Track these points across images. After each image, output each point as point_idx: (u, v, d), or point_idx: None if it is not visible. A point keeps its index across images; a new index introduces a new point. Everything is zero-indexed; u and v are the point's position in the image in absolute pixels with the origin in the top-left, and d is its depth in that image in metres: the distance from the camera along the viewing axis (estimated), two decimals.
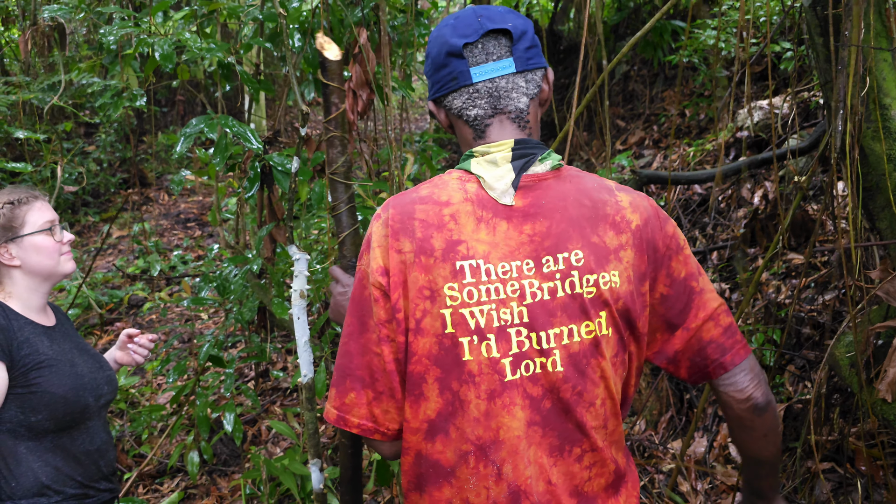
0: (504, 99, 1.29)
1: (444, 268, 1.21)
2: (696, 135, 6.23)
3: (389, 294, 1.23)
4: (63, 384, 1.89)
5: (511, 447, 1.22)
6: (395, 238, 1.24)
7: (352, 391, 1.28)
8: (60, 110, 8.15)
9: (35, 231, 1.94)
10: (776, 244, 3.41)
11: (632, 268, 1.27)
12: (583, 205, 1.27)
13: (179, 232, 8.07)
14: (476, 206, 1.25)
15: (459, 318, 1.21)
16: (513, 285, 1.22)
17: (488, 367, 1.21)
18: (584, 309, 1.23)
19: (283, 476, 2.99)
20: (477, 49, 1.28)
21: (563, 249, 1.24)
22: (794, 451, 3.08)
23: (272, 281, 3.11)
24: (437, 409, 1.23)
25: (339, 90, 1.82)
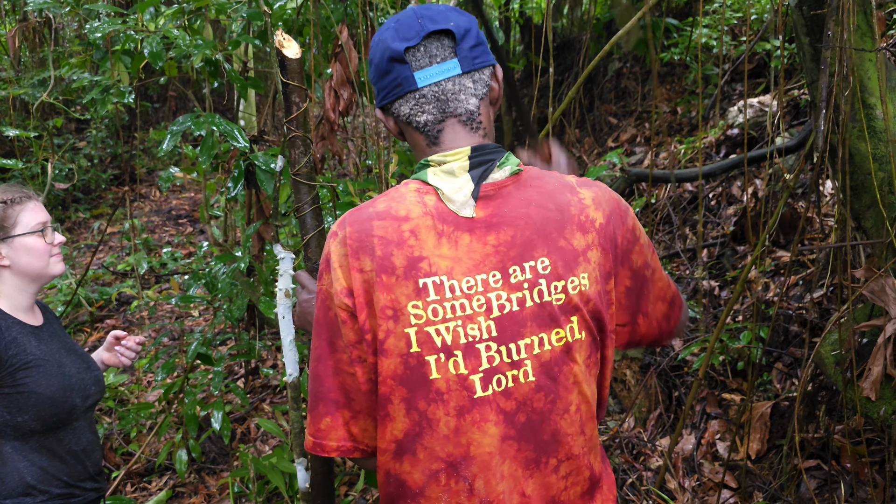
0: (452, 102, 1.25)
1: (406, 286, 1.17)
2: (687, 132, 6.25)
3: (356, 314, 1.20)
4: (50, 384, 1.88)
5: (482, 462, 1.20)
6: (356, 257, 1.20)
7: (326, 416, 1.24)
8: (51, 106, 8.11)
9: (27, 232, 1.93)
10: (763, 241, 3.43)
11: (598, 267, 1.25)
12: (547, 209, 1.24)
13: (171, 228, 8.05)
14: (436, 220, 1.21)
15: (425, 337, 1.18)
16: (479, 300, 1.19)
17: (457, 384, 1.19)
18: (554, 317, 1.21)
19: (271, 474, 2.99)
20: (419, 52, 1.24)
21: (529, 258, 1.21)
22: (780, 448, 3.09)
23: (260, 279, 3.10)
24: (403, 429, 1.21)
25: (300, 89, 1.76)
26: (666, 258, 4.74)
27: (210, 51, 2.52)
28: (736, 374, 3.65)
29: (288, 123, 1.74)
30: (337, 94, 2.44)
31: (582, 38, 8.01)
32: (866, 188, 2.45)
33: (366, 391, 1.22)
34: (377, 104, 1.34)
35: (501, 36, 3.53)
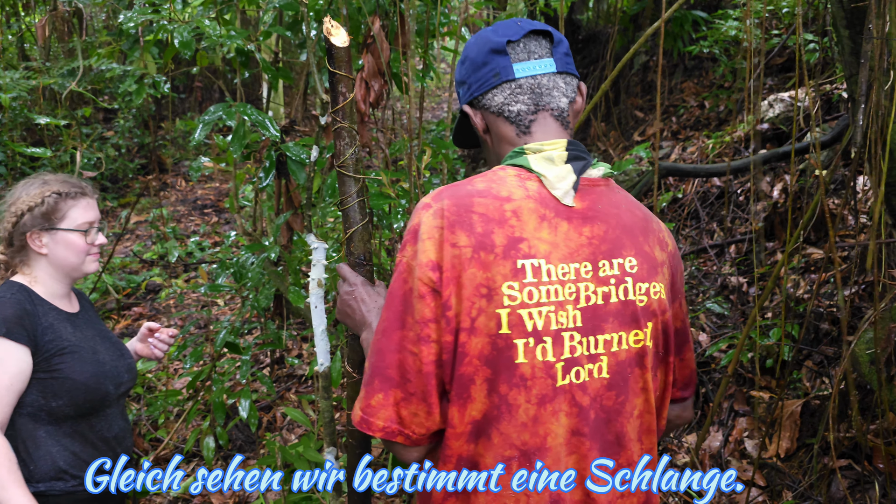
0: (546, 96, 1.29)
1: (504, 265, 1.16)
2: (715, 126, 6.17)
3: (441, 290, 1.17)
4: (85, 371, 1.91)
5: (555, 455, 1.19)
6: (451, 230, 1.18)
7: (380, 392, 1.22)
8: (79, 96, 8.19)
9: (71, 229, 1.96)
10: (797, 238, 3.38)
11: (669, 287, 1.30)
12: (635, 215, 1.29)
13: (196, 218, 8.11)
14: (538, 205, 1.21)
15: (517, 319, 1.16)
16: (570, 288, 1.19)
17: (542, 371, 1.18)
18: (635, 317, 1.23)
19: (297, 463, 3.00)
20: (519, 47, 1.29)
21: (619, 255, 1.23)
22: (811, 447, 3.06)
23: (289, 269, 3.11)
24: (483, 410, 1.18)
25: (347, 79, 1.72)
26: (692, 254, 4.70)
27: (243, 41, 2.52)
28: (764, 372, 3.61)
29: (334, 114, 1.71)
30: (368, 85, 2.43)
31: (608, 31, 7.95)
32: None
33: (426, 373, 1.19)
34: (466, 99, 1.36)
35: None
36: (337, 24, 1.65)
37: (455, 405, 1.20)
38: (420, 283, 1.18)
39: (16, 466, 1.76)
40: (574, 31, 8.79)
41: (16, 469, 1.76)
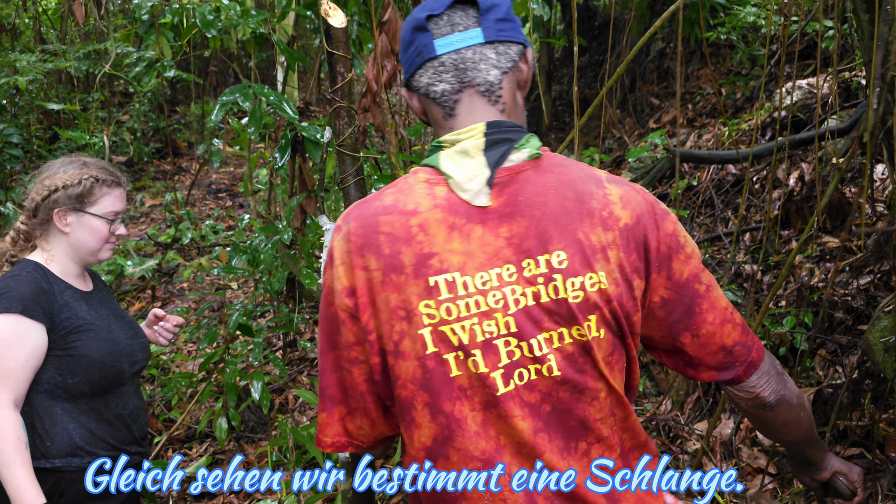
0: (471, 71, 1.19)
1: (416, 285, 1.12)
2: (731, 114, 6.12)
3: (359, 316, 1.16)
4: (100, 348, 1.93)
5: (514, 455, 1.15)
6: (360, 255, 1.15)
7: (324, 411, 1.24)
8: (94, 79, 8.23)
9: (99, 215, 1.99)
10: (812, 226, 3.35)
11: (619, 268, 1.16)
12: (565, 198, 1.16)
13: (210, 202, 8.16)
14: (447, 213, 1.15)
15: (441, 336, 1.13)
16: (495, 295, 1.13)
17: (478, 383, 1.13)
18: (572, 314, 1.14)
19: (309, 444, 3.03)
20: (442, 21, 1.19)
21: (544, 251, 1.14)
22: (822, 435, 3.05)
23: (302, 252, 3.13)
24: (431, 434, 1.15)
25: (345, 59, 1.72)
26: (707, 241, 4.67)
27: (260, 23, 2.52)
28: (778, 360, 3.59)
29: (333, 94, 1.71)
30: (381, 66, 2.42)
31: (625, 17, 7.88)
32: None
33: (361, 392, 1.20)
34: (404, 82, 1.28)
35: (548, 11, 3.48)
36: (334, 6, 1.65)
37: (402, 426, 1.20)
38: (339, 309, 1.17)
39: (24, 446, 1.77)
40: (590, 16, 8.73)
41: (24, 449, 1.76)
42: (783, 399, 1.31)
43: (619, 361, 1.21)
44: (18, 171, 6.39)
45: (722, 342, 1.24)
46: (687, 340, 1.24)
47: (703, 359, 1.26)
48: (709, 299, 1.23)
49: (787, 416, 1.33)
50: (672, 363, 1.30)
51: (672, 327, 1.23)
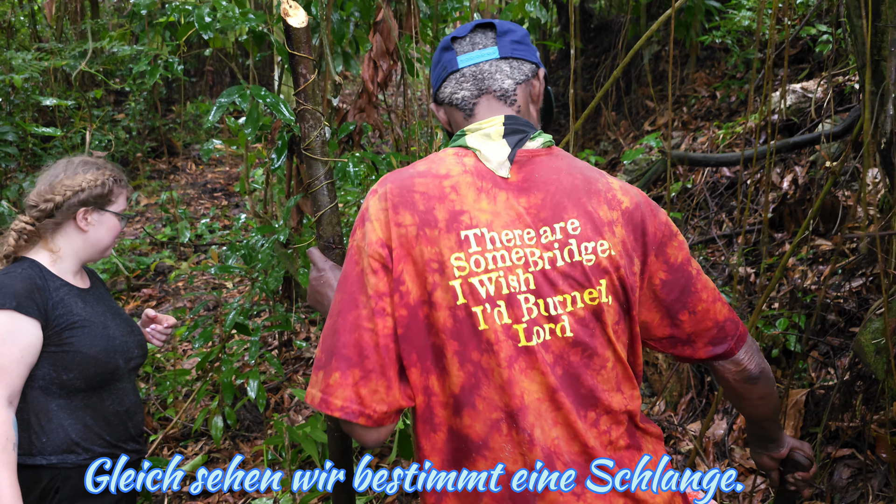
0: (488, 80, 1.38)
1: (449, 238, 1.23)
2: (726, 117, 6.16)
3: (391, 267, 1.23)
4: (95, 345, 1.94)
5: (536, 411, 1.23)
6: (395, 211, 1.25)
7: (337, 371, 1.23)
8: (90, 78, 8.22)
9: (119, 213, 2.07)
10: (805, 229, 3.38)
11: (622, 244, 1.29)
12: (575, 178, 1.32)
13: (206, 201, 8.15)
14: (475, 178, 1.29)
15: (469, 288, 1.22)
16: (517, 252, 1.25)
17: (504, 334, 1.22)
18: (586, 276, 1.26)
19: (304, 443, 3.04)
20: (465, 41, 1.41)
21: (560, 219, 1.28)
22: (814, 436, 3.07)
23: (298, 251, 3.14)
24: (459, 383, 1.23)
25: (307, 60, 1.71)
26: (701, 244, 4.70)
27: (259, 23, 2.54)
28: (771, 362, 3.62)
29: (296, 96, 1.71)
30: (376, 65, 2.44)
31: (621, 20, 7.92)
32: None
33: (383, 346, 1.22)
34: (432, 97, 1.46)
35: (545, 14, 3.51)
36: (295, 4, 1.62)
37: (434, 374, 1.25)
38: (371, 259, 1.24)
39: (11, 447, 1.75)
40: (586, 19, 8.76)
41: (11, 450, 1.75)
42: (764, 372, 1.45)
43: (624, 335, 1.31)
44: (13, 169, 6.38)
45: (716, 318, 1.37)
46: (685, 318, 1.36)
47: (699, 335, 1.38)
48: (701, 280, 1.37)
49: (765, 390, 1.46)
50: (668, 347, 1.40)
51: (671, 307, 1.35)
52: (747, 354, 1.42)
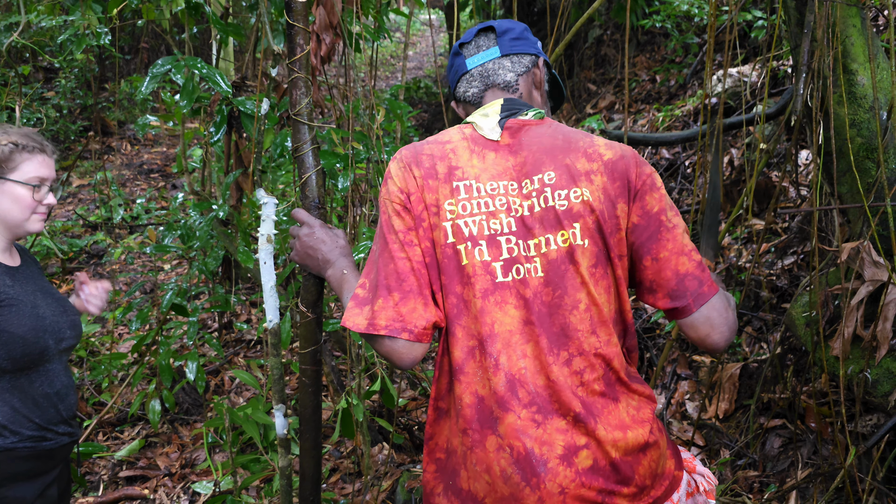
0: (493, 76, 1.60)
1: (445, 187, 1.45)
2: (665, 100, 6.26)
3: (410, 208, 1.46)
4: (23, 324, 1.85)
5: (504, 340, 1.39)
6: (408, 168, 1.49)
7: (380, 298, 1.42)
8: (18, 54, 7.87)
9: (19, 181, 1.90)
10: (738, 208, 3.47)
11: (602, 190, 1.43)
12: (556, 139, 1.50)
13: (142, 183, 7.92)
14: (470, 143, 1.51)
15: (457, 229, 1.42)
16: (500, 200, 1.44)
17: (482, 269, 1.40)
18: (558, 219, 1.41)
19: (245, 425, 2.99)
20: (471, 46, 1.64)
21: (538, 172, 1.46)
22: (748, 408, 3.17)
23: (238, 228, 3.07)
24: (446, 312, 1.42)
25: (305, 31, 1.86)
26: None
27: None
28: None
29: (291, 65, 1.85)
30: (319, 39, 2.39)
31: (564, 4, 7.96)
32: (843, 154, 2.49)
33: (417, 269, 1.42)
34: (452, 96, 1.70)
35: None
36: None
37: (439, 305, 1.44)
38: (394, 204, 1.47)
39: None
40: (529, 2, 8.78)
41: None
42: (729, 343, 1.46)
43: (604, 279, 1.42)
44: None
45: (676, 269, 1.42)
46: (647, 264, 1.44)
47: (660, 284, 1.44)
48: (672, 232, 1.44)
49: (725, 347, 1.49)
50: (639, 294, 1.49)
51: (638, 251, 1.45)
52: (708, 322, 1.40)
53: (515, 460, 1.36)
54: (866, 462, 2.48)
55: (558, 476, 1.35)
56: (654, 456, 1.41)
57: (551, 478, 1.35)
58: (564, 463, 1.35)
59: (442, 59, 11.53)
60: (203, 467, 3.44)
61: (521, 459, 1.36)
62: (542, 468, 1.35)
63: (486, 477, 1.39)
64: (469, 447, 1.41)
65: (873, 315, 2.37)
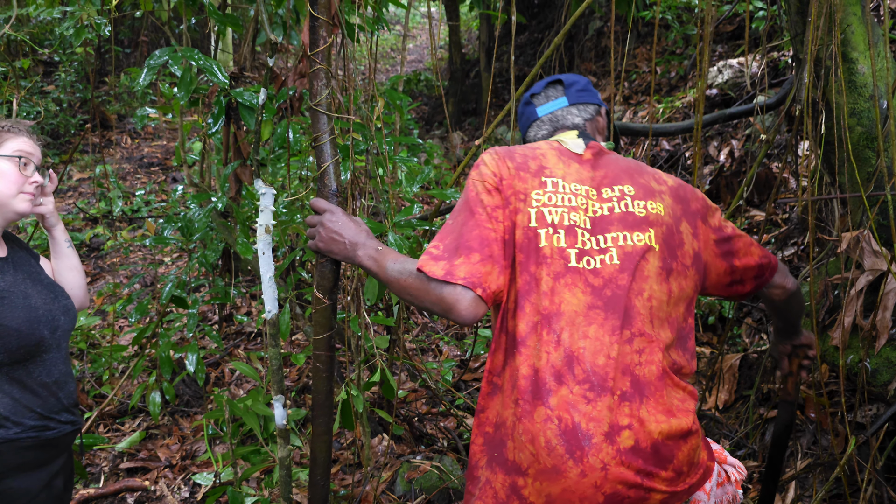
0: (562, 120, 1.83)
1: (534, 180, 1.62)
2: (666, 92, 6.25)
3: (501, 189, 1.60)
4: (16, 316, 1.84)
5: (569, 319, 1.49)
6: (502, 160, 1.65)
7: (461, 256, 1.53)
8: (18, 48, 7.86)
9: (5, 155, 1.88)
10: (738, 199, 3.46)
11: (670, 209, 1.64)
12: (629, 163, 1.73)
13: (142, 176, 7.91)
14: (559, 153, 1.70)
15: (540, 215, 1.57)
16: (581, 199, 1.61)
17: (557, 254, 1.54)
18: (637, 223, 1.58)
19: (245, 416, 2.99)
20: (541, 96, 1.88)
21: (617, 184, 1.65)
22: (747, 398, 3.17)
23: (238, 219, 3.07)
24: (518, 287, 1.53)
25: (328, 24, 1.92)
26: None
27: None
28: (707, 329, 3.72)
29: (313, 56, 1.91)
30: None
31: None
32: (843, 143, 2.48)
33: (498, 240, 1.56)
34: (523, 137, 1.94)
35: None
36: None
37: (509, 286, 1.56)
38: (486, 183, 1.62)
39: None
40: None
41: None
42: (796, 284, 1.87)
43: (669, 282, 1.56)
44: None
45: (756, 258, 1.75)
46: (738, 263, 1.72)
47: (747, 273, 1.74)
48: (738, 233, 1.74)
49: (800, 296, 1.91)
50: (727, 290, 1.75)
51: (727, 257, 1.71)
52: (782, 276, 1.82)
53: (562, 432, 1.43)
54: (865, 451, 2.48)
55: (601, 452, 1.41)
56: (694, 444, 1.49)
57: (594, 453, 1.41)
58: (608, 440, 1.42)
59: (442, 51, 11.49)
60: (203, 459, 3.45)
61: (568, 431, 1.42)
62: (586, 442, 1.41)
63: (531, 447, 1.45)
64: (518, 417, 1.47)
65: (873, 305, 2.37)
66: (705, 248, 1.68)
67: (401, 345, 3.20)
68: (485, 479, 1.54)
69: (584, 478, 1.41)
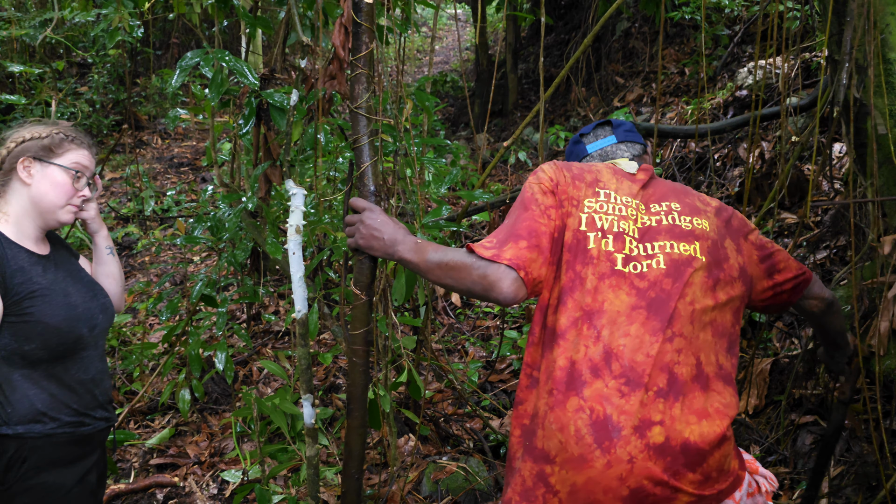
0: (611, 155, 1.96)
1: (588, 190, 1.73)
2: (694, 93, 6.19)
3: (556, 192, 1.71)
4: (56, 314, 1.88)
5: (611, 317, 1.55)
6: (560, 170, 1.77)
7: (509, 243, 1.61)
8: (53, 50, 8.01)
9: (64, 166, 1.95)
10: (770, 202, 3.42)
11: (714, 226, 1.72)
12: (676, 185, 1.84)
13: (173, 176, 8.01)
14: (612, 171, 1.82)
15: (591, 220, 1.66)
16: (630, 211, 1.70)
17: (605, 257, 1.61)
18: (683, 234, 1.66)
19: (273, 415, 3.01)
20: (591, 136, 2.02)
21: (665, 200, 1.76)
22: (778, 404, 3.13)
23: (266, 221, 3.09)
24: (561, 285, 1.60)
25: (370, 31, 1.99)
26: None
27: None
28: None
29: (356, 61, 1.99)
30: (347, 31, 2.40)
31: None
32: (880, 145, 2.44)
33: (546, 233, 1.64)
34: None
35: None
36: None
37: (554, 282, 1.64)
38: (542, 185, 1.73)
39: None
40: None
41: None
42: (833, 296, 1.94)
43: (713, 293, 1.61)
44: None
45: (793, 269, 1.84)
46: (779, 277, 1.81)
47: (787, 285, 1.82)
48: (776, 248, 1.83)
49: (838, 307, 1.97)
50: (773, 300, 1.83)
51: (769, 271, 1.80)
52: (818, 287, 1.90)
53: (593, 422, 1.45)
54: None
55: (629, 445, 1.42)
56: (726, 451, 1.48)
57: (622, 445, 1.42)
58: (637, 434, 1.43)
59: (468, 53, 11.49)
60: (231, 456, 3.48)
61: (598, 422, 1.44)
62: (615, 434, 1.43)
63: (560, 436, 1.47)
64: (550, 406, 1.51)
65: None
66: (749, 262, 1.75)
67: (427, 345, 3.20)
68: (517, 469, 1.58)
69: (610, 469, 1.42)
